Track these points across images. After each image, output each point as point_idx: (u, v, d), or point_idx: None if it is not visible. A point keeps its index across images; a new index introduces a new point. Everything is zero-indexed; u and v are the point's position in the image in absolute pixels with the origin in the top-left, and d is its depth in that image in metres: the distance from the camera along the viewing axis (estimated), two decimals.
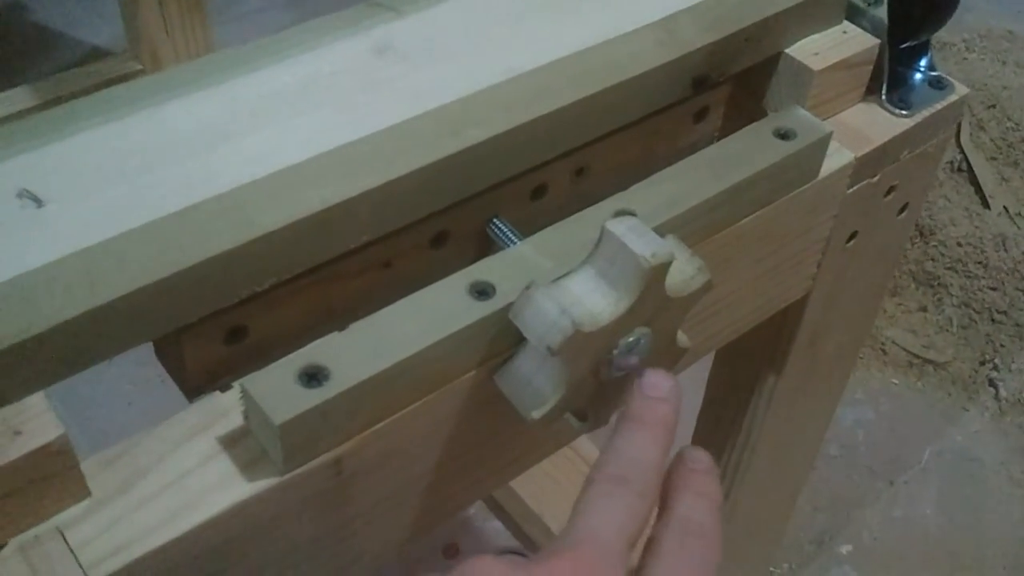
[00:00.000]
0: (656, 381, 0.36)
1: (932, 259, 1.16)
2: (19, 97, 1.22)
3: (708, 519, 0.33)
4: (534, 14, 0.45)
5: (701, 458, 0.35)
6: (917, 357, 1.12)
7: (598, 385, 0.38)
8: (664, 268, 0.36)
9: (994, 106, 1.27)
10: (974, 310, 1.14)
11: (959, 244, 1.15)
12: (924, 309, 1.15)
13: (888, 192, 0.52)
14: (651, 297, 0.36)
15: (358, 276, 0.39)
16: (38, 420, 0.31)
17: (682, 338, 0.40)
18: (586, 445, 0.97)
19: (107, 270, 0.33)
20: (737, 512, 0.69)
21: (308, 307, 0.38)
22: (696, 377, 0.62)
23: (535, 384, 0.37)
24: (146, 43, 1.22)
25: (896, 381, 1.12)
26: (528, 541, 0.94)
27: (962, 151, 1.24)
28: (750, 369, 0.59)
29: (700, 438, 0.66)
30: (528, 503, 0.93)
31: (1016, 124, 1.27)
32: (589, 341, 0.35)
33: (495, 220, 0.42)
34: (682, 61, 0.43)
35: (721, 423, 0.63)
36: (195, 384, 0.37)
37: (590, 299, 0.36)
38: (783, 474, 0.70)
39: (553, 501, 0.93)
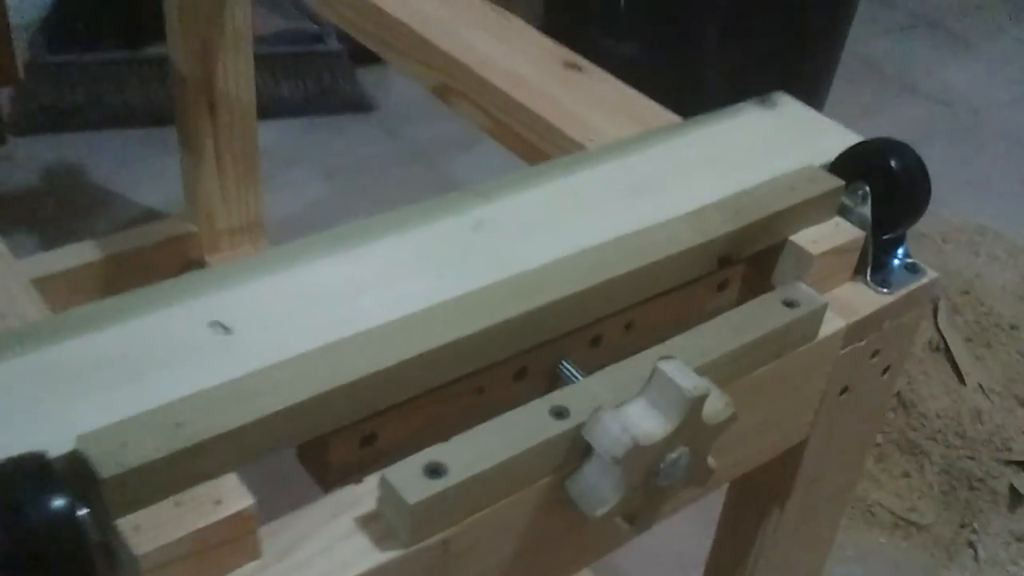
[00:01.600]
0: None
1: (914, 429, 1.27)
2: (84, 251, 1.34)
3: None
4: (594, 203, 0.57)
5: None
6: (902, 519, 1.22)
7: (647, 493, 0.48)
8: (703, 399, 0.46)
9: (968, 292, 1.40)
10: (954, 477, 1.24)
11: (938, 416, 1.26)
12: (908, 475, 1.25)
13: (873, 355, 0.63)
14: (691, 422, 0.47)
15: (459, 399, 0.50)
16: (233, 493, 0.41)
17: (711, 461, 0.51)
18: None
19: (283, 384, 0.44)
20: None
21: (423, 421, 0.49)
22: (706, 517, 0.71)
23: (599, 489, 0.47)
24: (203, 207, 1.35)
25: (883, 540, 1.21)
26: None
27: (940, 332, 1.36)
28: (758, 505, 0.69)
29: (713, 566, 0.75)
30: None
31: (989, 309, 1.40)
32: (643, 454, 0.46)
33: (563, 361, 0.53)
34: (710, 244, 0.55)
35: (730, 556, 0.73)
36: (334, 479, 0.47)
37: (645, 421, 0.46)
38: None
39: None
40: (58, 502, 0.36)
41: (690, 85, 0.63)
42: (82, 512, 0.37)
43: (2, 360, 0.43)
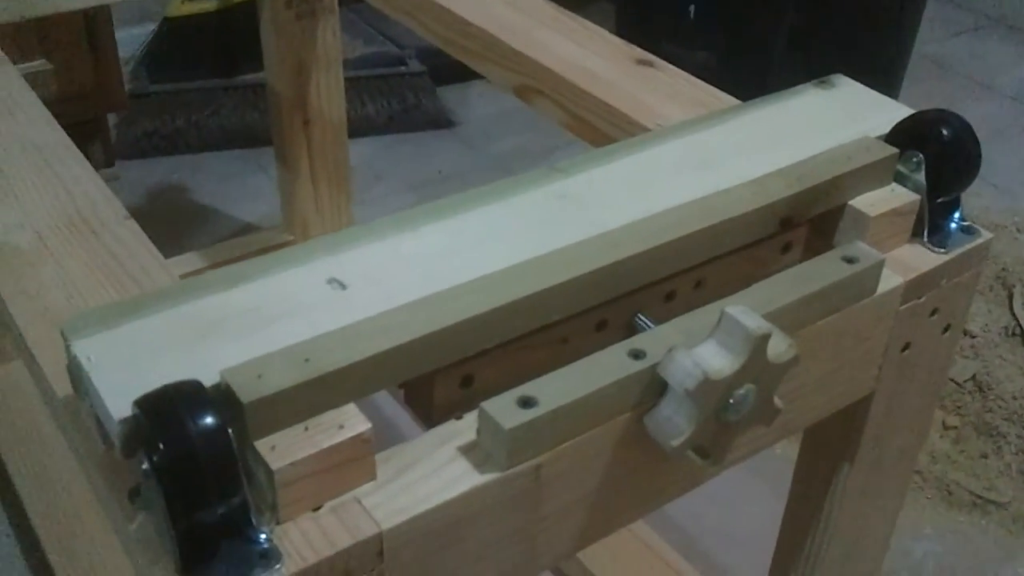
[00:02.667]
0: None
1: (991, 411, 1.29)
2: (189, 261, 1.44)
3: None
4: (664, 175, 0.63)
5: None
6: (980, 498, 1.24)
7: (718, 428, 0.53)
8: (766, 338, 0.51)
9: None
10: None
11: (1015, 398, 1.28)
12: (985, 456, 1.27)
13: (932, 312, 0.67)
14: (757, 360, 0.52)
15: (546, 347, 0.56)
16: (354, 419, 0.47)
17: (777, 401, 0.56)
18: (684, 563, 1.09)
19: (394, 327, 0.50)
20: None
21: (513, 366, 0.55)
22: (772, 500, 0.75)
23: (674, 421, 0.52)
24: (298, 217, 1.44)
25: (961, 519, 1.23)
26: None
27: (1015, 318, 1.38)
28: (828, 459, 0.73)
29: (787, 526, 0.80)
30: None
31: None
32: (713, 388, 0.51)
33: (639, 314, 0.59)
34: (771, 206, 0.60)
35: (804, 509, 0.77)
36: (438, 416, 0.53)
37: (715, 359, 0.51)
38: (856, 564, 0.82)
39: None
40: (211, 419, 0.43)
41: (759, 89, 0.67)
42: (229, 430, 0.44)
43: (155, 312, 0.50)
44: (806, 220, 0.63)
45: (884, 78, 1.86)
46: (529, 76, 0.89)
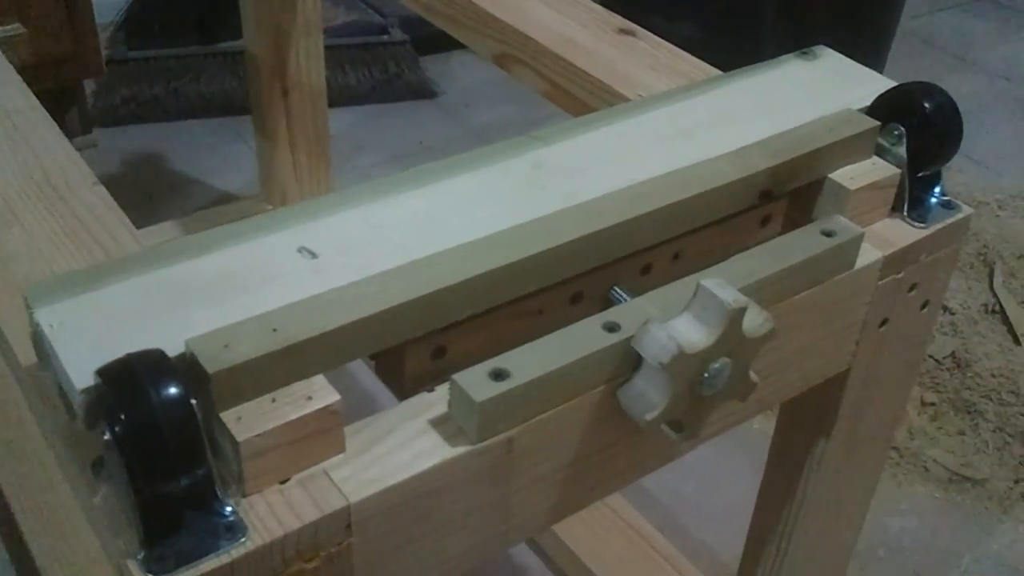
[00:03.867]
0: None
1: (969, 388, 1.29)
2: (166, 230, 1.42)
3: None
4: (643, 145, 0.62)
5: None
6: (956, 474, 1.24)
7: (693, 402, 0.53)
8: (742, 311, 0.51)
9: (1023, 257, 1.42)
10: (1008, 434, 1.26)
11: (993, 375, 1.28)
12: (962, 432, 1.27)
13: (911, 288, 0.67)
14: (732, 334, 0.51)
15: (520, 318, 0.55)
16: (322, 391, 0.47)
17: (753, 375, 0.55)
18: (660, 539, 1.09)
19: (365, 296, 0.49)
20: (790, 570, 0.81)
21: (487, 337, 0.54)
22: (752, 476, 0.75)
23: (648, 395, 0.52)
24: (277, 187, 1.42)
25: (938, 495, 1.23)
26: None
27: (995, 295, 1.38)
28: (805, 434, 0.73)
29: (763, 501, 0.79)
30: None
31: None
32: (688, 362, 0.50)
33: (615, 287, 0.58)
34: (751, 178, 0.60)
35: (780, 484, 0.77)
36: (409, 387, 0.52)
37: (690, 332, 0.51)
38: (832, 539, 0.82)
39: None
40: (175, 389, 0.42)
41: (745, 62, 0.67)
42: (193, 401, 0.43)
43: (121, 279, 0.49)
44: (786, 193, 0.62)
45: (871, 52, 1.85)
46: (509, 44, 0.88)
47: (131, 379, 0.42)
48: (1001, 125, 1.99)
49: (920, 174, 0.66)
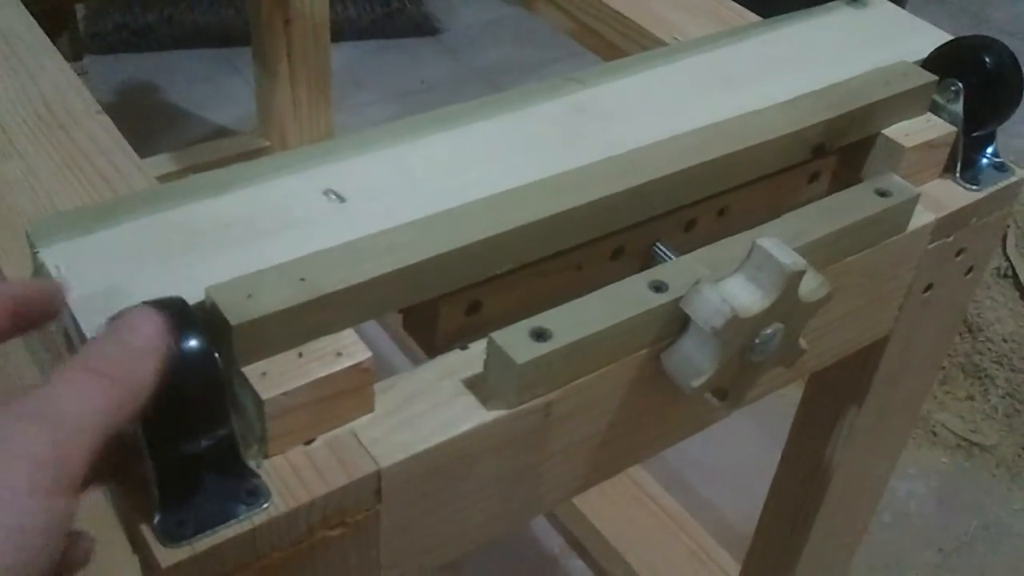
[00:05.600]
0: (144, 326, 0.36)
1: (980, 353, 1.27)
2: (160, 164, 1.38)
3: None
4: (689, 92, 0.58)
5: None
6: (964, 440, 1.22)
7: (740, 369, 0.50)
8: (800, 275, 0.47)
9: None
10: (1018, 400, 1.24)
11: (1004, 341, 1.26)
12: (971, 398, 1.25)
13: (959, 253, 0.64)
14: (787, 299, 0.48)
15: (558, 274, 0.51)
16: (353, 346, 0.43)
17: (802, 342, 0.52)
18: (666, 498, 1.07)
19: (398, 246, 0.45)
20: (807, 546, 0.78)
21: (524, 293, 0.50)
22: (754, 433, 0.73)
23: (695, 360, 0.48)
24: (276, 122, 1.38)
25: (945, 460, 1.22)
26: None
27: (1008, 259, 1.36)
28: (835, 403, 0.70)
29: (786, 469, 0.77)
30: (610, 542, 1.03)
31: None
32: (741, 327, 0.47)
33: (658, 243, 0.54)
34: (804, 131, 0.56)
35: (805, 453, 0.74)
36: (441, 344, 0.49)
37: (744, 295, 0.47)
38: (852, 509, 0.80)
39: (633, 541, 1.03)
40: (196, 341, 0.38)
41: (765, 9, 0.64)
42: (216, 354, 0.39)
43: (133, 218, 0.45)
44: (837, 148, 0.59)
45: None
46: None
47: (150, 328, 0.38)
48: None
49: (975, 133, 0.62)
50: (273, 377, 0.41)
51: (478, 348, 0.47)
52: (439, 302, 0.47)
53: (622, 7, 0.76)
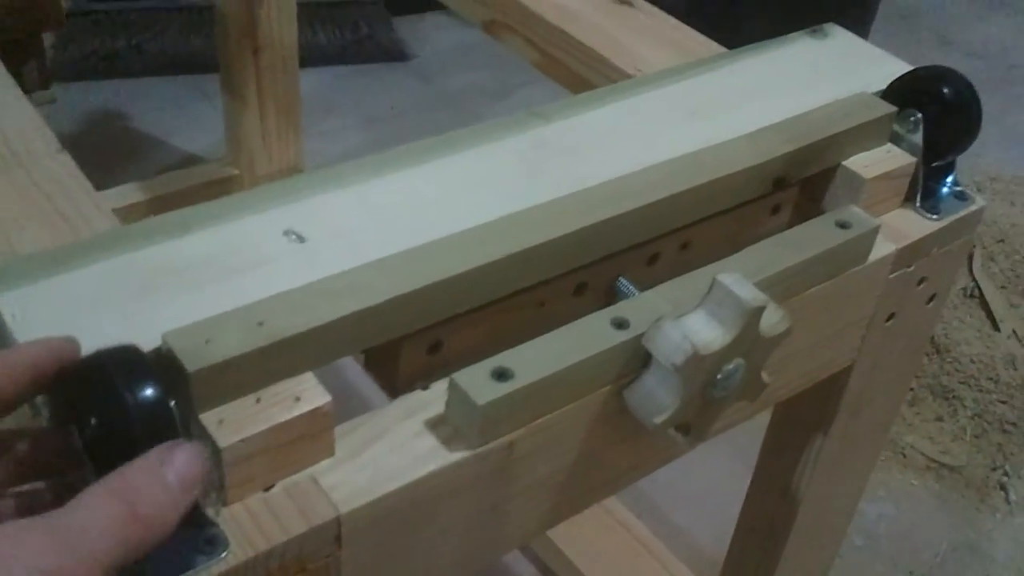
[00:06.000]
0: (184, 466, 0.35)
1: (948, 374, 1.27)
2: (128, 194, 1.36)
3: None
4: (652, 125, 0.58)
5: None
6: (934, 461, 1.23)
7: (702, 404, 0.50)
8: (760, 311, 0.47)
9: (1003, 241, 1.40)
10: (986, 421, 1.25)
11: (972, 361, 1.27)
12: (940, 419, 1.26)
13: (920, 282, 0.64)
14: (748, 334, 0.48)
15: (521, 311, 0.51)
16: (312, 390, 0.43)
17: (765, 375, 0.52)
18: (638, 525, 1.07)
19: (359, 287, 0.45)
20: (780, 563, 0.79)
21: (486, 331, 0.50)
22: (726, 457, 0.73)
23: (657, 396, 0.48)
24: (245, 150, 1.37)
25: (915, 482, 1.22)
26: None
27: (975, 280, 1.37)
28: (801, 431, 0.70)
29: (753, 497, 0.77)
30: (582, 571, 1.03)
31: (1023, 257, 1.40)
32: (702, 363, 0.47)
33: (621, 278, 0.54)
34: (767, 164, 0.56)
35: (772, 481, 0.74)
36: (402, 385, 0.49)
37: (704, 331, 0.47)
38: (821, 536, 0.80)
39: (605, 569, 1.02)
40: (151, 390, 0.38)
41: (727, 32, 0.64)
42: (172, 402, 0.39)
43: (90, 262, 0.45)
44: (798, 180, 0.59)
45: (854, 26, 1.82)
46: (499, 10, 0.83)
47: (102, 378, 0.38)
48: None
49: (935, 163, 0.63)
50: (230, 424, 0.41)
51: (440, 388, 0.47)
52: (400, 343, 0.47)
53: (587, 39, 0.76)
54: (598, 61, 0.75)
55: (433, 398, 0.47)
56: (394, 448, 0.45)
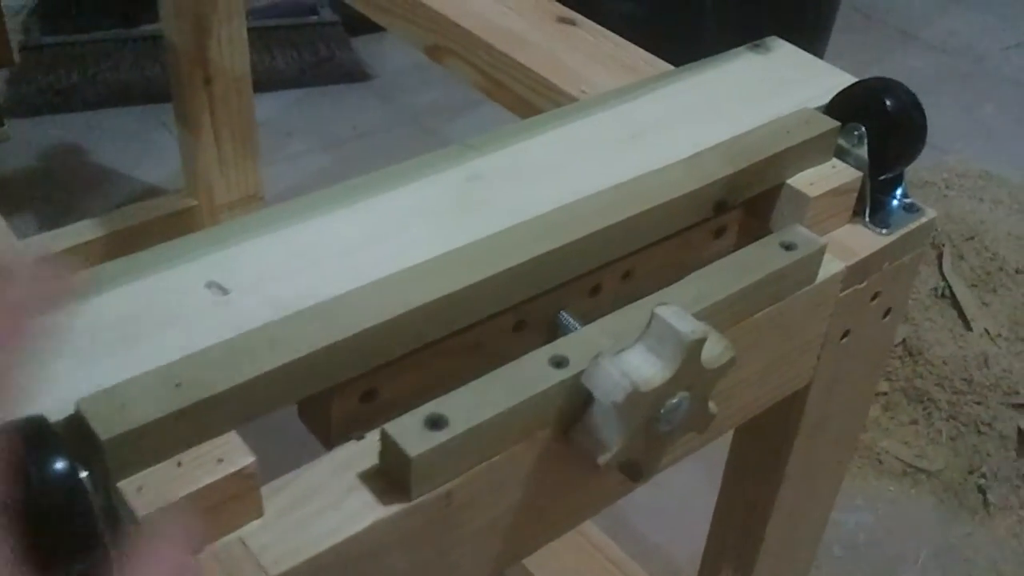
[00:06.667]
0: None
1: (921, 376, 1.26)
2: (84, 230, 1.34)
3: None
4: (589, 152, 0.57)
5: None
6: (910, 466, 1.22)
7: (648, 440, 0.48)
8: (701, 343, 0.46)
9: (972, 238, 1.39)
10: (961, 423, 1.24)
11: (945, 363, 1.26)
12: (915, 422, 1.25)
13: (874, 297, 0.63)
14: (690, 367, 0.46)
15: (458, 353, 0.50)
16: (235, 451, 0.41)
17: (712, 406, 0.51)
18: (612, 547, 1.06)
19: (282, 340, 0.43)
20: None
21: (421, 376, 0.49)
22: (701, 472, 0.71)
23: (601, 435, 0.47)
24: (202, 181, 1.35)
25: (892, 488, 1.21)
26: None
27: (945, 279, 1.36)
28: (763, 452, 0.69)
29: (720, 518, 0.75)
30: None
31: (993, 255, 1.39)
32: (643, 400, 0.45)
33: (562, 312, 0.53)
34: (706, 189, 0.55)
35: (737, 503, 0.73)
36: (336, 435, 0.47)
37: (644, 367, 0.46)
38: (792, 555, 0.78)
39: None
40: (59, 464, 0.36)
41: (687, 41, 0.63)
42: (83, 474, 0.37)
43: None
44: (741, 202, 0.58)
45: (816, 26, 1.82)
46: (441, 35, 0.82)
47: (6, 453, 0.36)
48: (945, 101, 1.97)
49: (882, 176, 0.61)
50: (150, 491, 0.40)
51: (374, 437, 0.45)
52: (330, 394, 0.46)
53: (529, 61, 0.75)
54: (542, 84, 0.73)
55: (368, 448, 0.45)
56: (325, 505, 0.43)
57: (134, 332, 0.44)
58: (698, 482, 0.90)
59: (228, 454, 0.41)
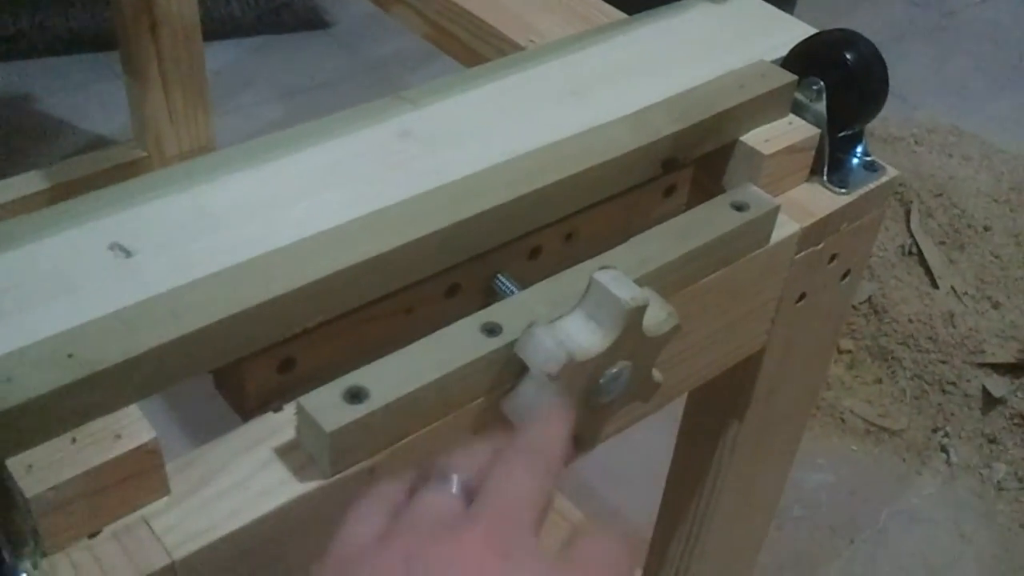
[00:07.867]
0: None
1: (886, 335, 1.25)
2: (31, 181, 1.29)
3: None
4: (529, 107, 0.54)
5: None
6: (873, 425, 1.20)
7: (588, 411, 0.46)
8: (641, 310, 0.43)
9: (941, 195, 1.37)
10: (926, 382, 1.22)
11: (910, 321, 1.24)
12: (879, 381, 1.23)
13: (831, 259, 0.60)
14: (631, 335, 0.44)
15: (386, 319, 0.47)
16: (134, 426, 0.38)
17: (656, 374, 0.48)
18: (574, 512, 1.04)
19: (188, 307, 0.40)
20: (704, 560, 0.75)
21: (346, 344, 0.46)
22: (665, 430, 0.69)
23: (536, 407, 0.44)
24: (151, 131, 1.30)
25: (855, 448, 1.20)
26: None
27: (912, 236, 1.34)
28: (716, 418, 0.67)
29: (672, 485, 0.73)
30: None
31: (962, 211, 1.37)
32: (581, 370, 0.43)
33: (499, 276, 0.50)
34: (652, 146, 0.52)
35: (690, 469, 0.71)
36: (252, 407, 0.44)
37: (581, 335, 0.43)
38: (747, 521, 0.77)
39: None
40: None
41: None
42: None
43: None
44: (692, 160, 0.55)
45: None
46: None
47: None
48: (915, 55, 1.94)
49: (841, 133, 0.59)
50: (40, 470, 0.37)
51: (292, 409, 0.42)
52: (242, 364, 0.43)
53: (475, 7, 0.71)
54: (488, 32, 0.70)
55: (285, 421, 0.43)
56: (239, 482, 0.40)
57: (30, 298, 0.40)
58: (661, 442, 0.87)
59: (127, 429, 0.38)
